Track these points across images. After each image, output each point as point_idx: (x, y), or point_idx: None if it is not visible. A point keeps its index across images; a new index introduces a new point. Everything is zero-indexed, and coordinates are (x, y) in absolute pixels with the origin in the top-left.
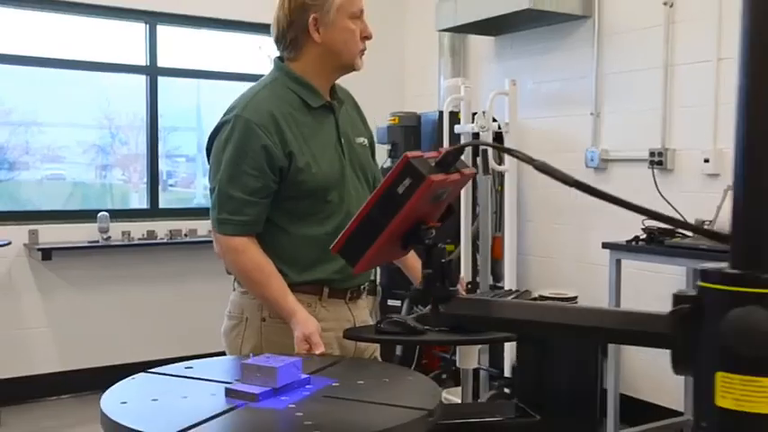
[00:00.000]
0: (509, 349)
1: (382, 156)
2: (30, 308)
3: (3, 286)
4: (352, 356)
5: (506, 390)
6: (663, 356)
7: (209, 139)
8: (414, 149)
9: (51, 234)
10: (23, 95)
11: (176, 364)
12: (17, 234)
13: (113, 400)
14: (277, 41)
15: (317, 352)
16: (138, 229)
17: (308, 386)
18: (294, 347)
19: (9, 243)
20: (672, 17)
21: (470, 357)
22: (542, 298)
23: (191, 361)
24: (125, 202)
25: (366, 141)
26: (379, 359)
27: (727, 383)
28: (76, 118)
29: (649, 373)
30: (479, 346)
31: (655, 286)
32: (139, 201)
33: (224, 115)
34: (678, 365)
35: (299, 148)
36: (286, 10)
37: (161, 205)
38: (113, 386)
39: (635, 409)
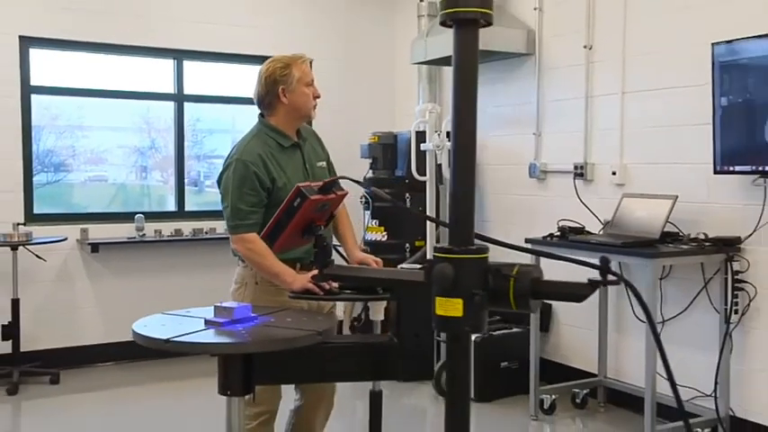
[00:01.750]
0: None
1: (364, 168)
2: (81, 291)
3: (60, 274)
4: (308, 310)
5: None
6: (584, 330)
7: (220, 174)
8: (390, 163)
9: (98, 232)
10: (69, 101)
11: (180, 310)
12: (71, 232)
13: (139, 325)
14: (258, 104)
15: (328, 287)
16: (167, 228)
17: (255, 320)
18: (275, 302)
19: (65, 239)
20: (590, 58)
21: (378, 312)
22: None
23: (190, 309)
24: (162, 202)
25: (324, 164)
26: (335, 312)
27: (439, 302)
28: (117, 122)
29: (572, 344)
30: (385, 303)
31: (564, 272)
32: (170, 203)
33: (228, 158)
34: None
35: (278, 174)
36: (263, 85)
37: (187, 208)
38: (141, 318)
39: (560, 371)
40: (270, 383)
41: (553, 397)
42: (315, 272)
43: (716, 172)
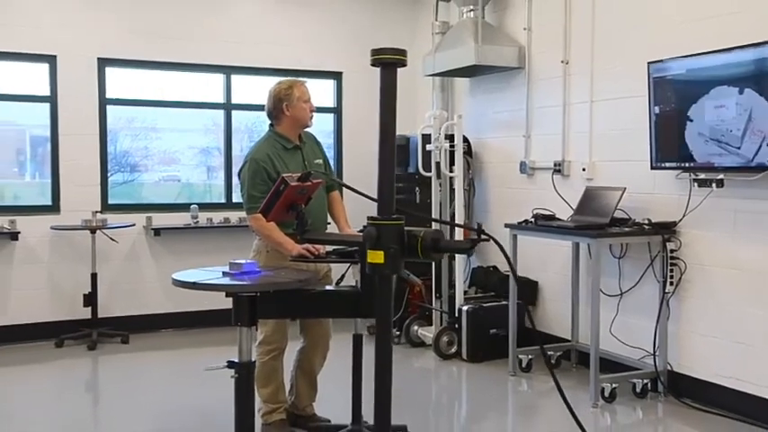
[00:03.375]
0: (459, 297)
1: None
2: (146, 268)
3: (129, 254)
4: (307, 270)
5: (456, 325)
6: (563, 303)
7: (240, 169)
8: (404, 162)
9: (160, 219)
10: (155, 95)
11: (207, 267)
12: (138, 219)
13: (177, 274)
14: (268, 116)
15: (317, 253)
16: (217, 217)
17: (259, 273)
18: (281, 265)
19: (133, 225)
20: (568, 71)
21: (356, 273)
22: None
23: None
24: (219, 196)
25: (321, 161)
26: (330, 274)
27: (369, 253)
28: (187, 124)
29: (553, 315)
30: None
31: (540, 249)
32: (222, 196)
33: (246, 157)
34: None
35: (282, 169)
36: (272, 101)
37: (234, 200)
38: (182, 271)
39: (544, 339)
40: (269, 318)
41: (530, 357)
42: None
43: (652, 168)
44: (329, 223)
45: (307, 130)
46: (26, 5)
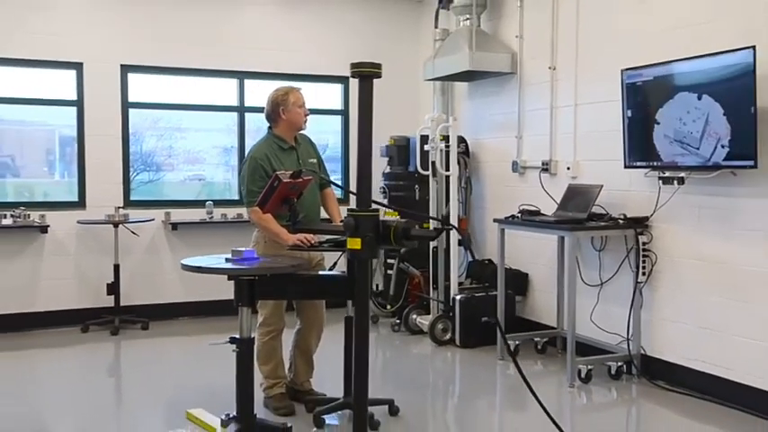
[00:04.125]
0: (453, 287)
1: (382, 164)
2: (164, 260)
3: (149, 246)
4: (300, 258)
5: (450, 314)
6: (550, 294)
7: (240, 167)
8: (404, 161)
9: (178, 215)
10: (175, 98)
11: (215, 255)
12: (158, 214)
13: (186, 260)
14: (267, 119)
15: (310, 242)
16: (231, 212)
17: (257, 259)
18: (278, 254)
19: (153, 219)
20: (555, 77)
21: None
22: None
23: (219, 255)
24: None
25: (315, 160)
26: (323, 262)
27: (348, 240)
28: (211, 124)
29: (542, 305)
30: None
31: (517, 241)
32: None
33: (246, 156)
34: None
35: (278, 166)
36: (270, 106)
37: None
38: (190, 258)
39: (532, 326)
40: (266, 299)
41: (517, 342)
42: (302, 234)
43: (625, 167)
44: (328, 219)
45: (302, 132)
46: (55, 18)
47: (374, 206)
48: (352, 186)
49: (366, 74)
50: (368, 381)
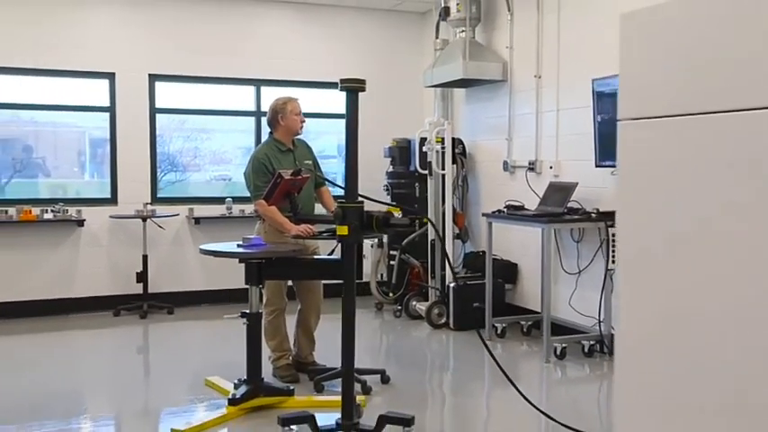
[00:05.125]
0: (448, 275)
1: (386, 164)
2: (188, 251)
3: (174, 239)
4: (297, 244)
5: (445, 300)
6: (537, 282)
7: (246, 167)
8: (405, 161)
9: (200, 210)
10: (198, 104)
11: (229, 242)
12: (182, 210)
13: (204, 245)
14: (268, 124)
15: (311, 232)
16: (249, 208)
17: (264, 245)
18: (277, 241)
19: (177, 214)
20: (540, 84)
21: None
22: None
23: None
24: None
25: (310, 162)
26: (318, 250)
27: (338, 228)
28: (234, 125)
29: (529, 292)
30: None
31: (508, 234)
32: None
33: (250, 157)
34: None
35: (277, 166)
36: (270, 113)
37: None
38: (206, 243)
39: (520, 311)
40: (272, 279)
41: (503, 325)
42: (306, 225)
43: (596, 166)
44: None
45: (299, 137)
46: (90, 34)
47: (377, 203)
48: (361, 185)
49: (352, 88)
50: (354, 344)
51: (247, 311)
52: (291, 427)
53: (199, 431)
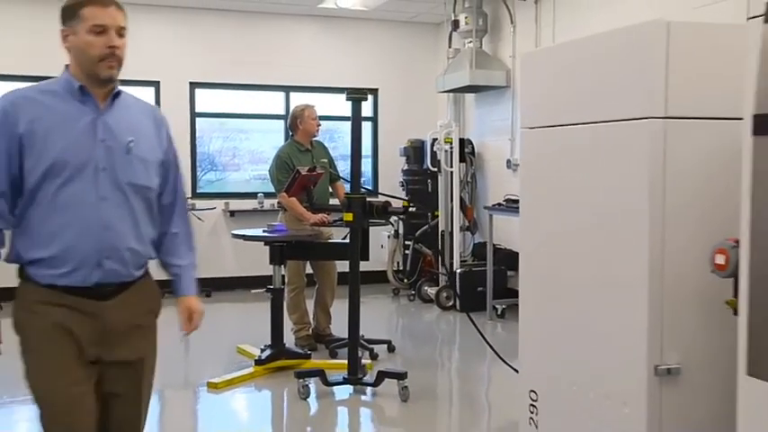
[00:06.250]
0: (456, 263)
1: (401, 162)
2: (224, 241)
3: (212, 230)
4: (313, 230)
5: (452, 284)
6: None
7: (270, 165)
8: (419, 159)
9: (235, 204)
10: (234, 108)
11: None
12: (219, 204)
13: (236, 231)
14: (289, 128)
15: (326, 221)
16: None
17: (286, 231)
18: (297, 228)
19: (215, 208)
20: None
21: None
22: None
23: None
24: None
25: (326, 161)
26: (332, 236)
27: (344, 215)
28: (270, 126)
29: None
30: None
31: (511, 226)
32: None
33: (274, 156)
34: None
35: (297, 163)
36: (291, 119)
37: None
38: (237, 229)
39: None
40: (292, 259)
41: (503, 306)
42: (321, 214)
43: None
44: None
45: (317, 138)
46: (138, 46)
47: (381, 195)
48: (381, 182)
49: (356, 98)
50: (359, 310)
51: (271, 287)
52: (306, 379)
53: (230, 384)
